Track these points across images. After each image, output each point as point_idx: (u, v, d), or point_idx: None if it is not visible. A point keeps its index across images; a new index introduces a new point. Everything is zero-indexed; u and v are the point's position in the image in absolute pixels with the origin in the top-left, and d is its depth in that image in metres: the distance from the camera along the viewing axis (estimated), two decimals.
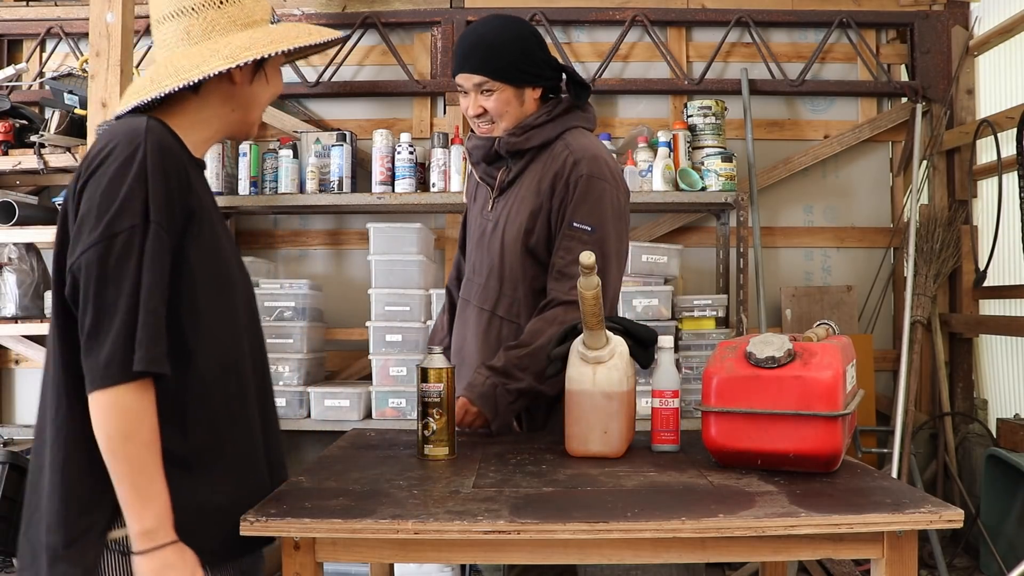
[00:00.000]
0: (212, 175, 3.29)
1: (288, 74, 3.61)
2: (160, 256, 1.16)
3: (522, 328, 1.82)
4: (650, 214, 3.57)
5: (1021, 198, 2.98)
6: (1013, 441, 3.02)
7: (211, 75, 1.23)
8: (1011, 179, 3.08)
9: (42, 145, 3.02)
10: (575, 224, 1.77)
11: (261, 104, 1.36)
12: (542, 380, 1.71)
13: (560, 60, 1.87)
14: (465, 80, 1.82)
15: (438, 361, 1.56)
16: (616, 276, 1.83)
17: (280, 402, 3.20)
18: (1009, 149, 3.11)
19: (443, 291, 3.08)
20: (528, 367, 1.72)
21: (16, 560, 2.89)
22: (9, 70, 3.32)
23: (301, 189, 3.33)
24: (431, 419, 1.54)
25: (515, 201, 1.86)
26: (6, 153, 3.07)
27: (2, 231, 3.04)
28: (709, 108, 3.30)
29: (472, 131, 1.95)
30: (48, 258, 3.47)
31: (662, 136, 3.23)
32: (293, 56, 1.45)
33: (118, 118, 1.29)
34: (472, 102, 1.83)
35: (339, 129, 3.44)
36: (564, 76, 1.90)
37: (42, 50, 3.68)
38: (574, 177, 1.78)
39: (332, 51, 3.56)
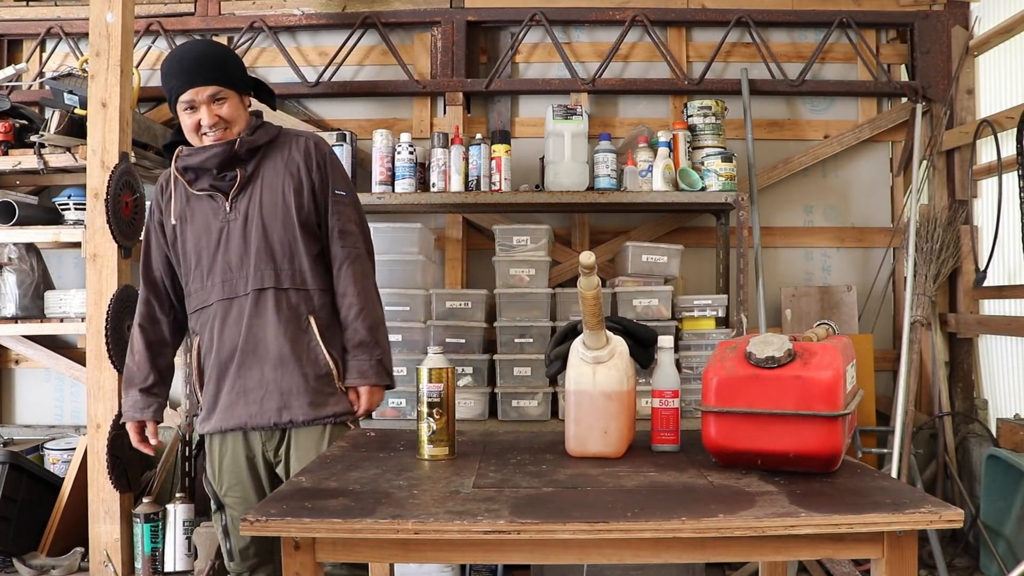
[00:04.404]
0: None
1: (288, 74, 3.61)
2: None
3: (311, 292, 2.07)
4: (650, 214, 3.57)
5: (1021, 198, 2.98)
6: (1013, 441, 3.02)
7: None
8: (1011, 179, 3.08)
9: (42, 145, 3.02)
10: (337, 192, 2.12)
11: None
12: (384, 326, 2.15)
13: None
14: (197, 94, 2.00)
15: (438, 361, 1.56)
16: (362, 215, 2.20)
17: None
18: (1009, 149, 3.11)
19: (443, 291, 3.12)
20: (372, 326, 2.08)
21: (16, 560, 2.90)
22: (9, 70, 3.32)
23: None
24: (431, 419, 1.54)
25: (264, 189, 2.07)
26: (6, 153, 3.07)
27: (2, 231, 3.04)
28: (709, 108, 3.29)
29: (188, 151, 2.06)
30: (48, 258, 3.48)
31: (662, 136, 3.23)
32: None
33: None
34: (206, 113, 2.01)
35: (339, 129, 3.44)
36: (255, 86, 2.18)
37: (42, 50, 3.68)
38: (320, 155, 2.12)
39: (332, 51, 3.56)
